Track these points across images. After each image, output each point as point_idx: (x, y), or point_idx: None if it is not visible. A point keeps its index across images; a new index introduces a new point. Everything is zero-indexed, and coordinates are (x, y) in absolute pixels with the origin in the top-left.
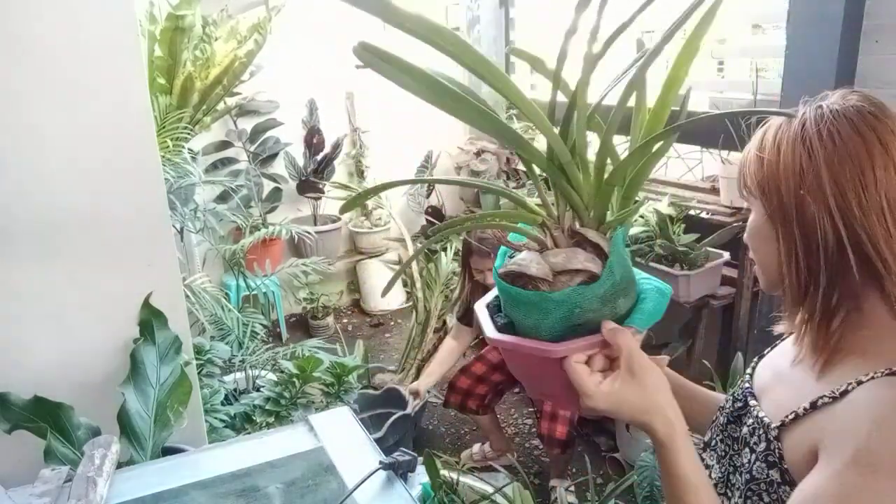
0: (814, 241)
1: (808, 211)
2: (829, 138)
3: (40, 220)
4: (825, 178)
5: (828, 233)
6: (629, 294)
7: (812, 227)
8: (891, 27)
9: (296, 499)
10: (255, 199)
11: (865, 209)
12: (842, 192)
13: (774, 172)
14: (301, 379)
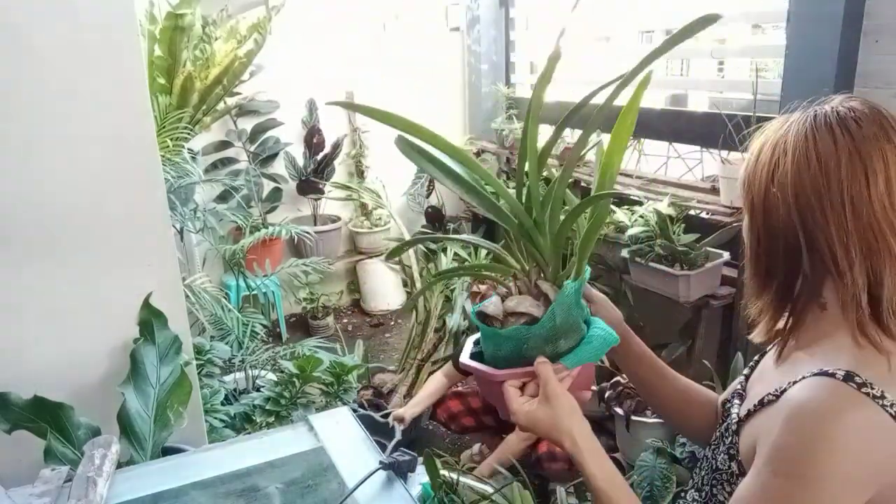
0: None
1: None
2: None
3: (40, 220)
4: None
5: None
6: (570, 337)
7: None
8: (891, 27)
9: (296, 499)
10: (255, 199)
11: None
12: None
13: (753, 168)
14: (301, 379)
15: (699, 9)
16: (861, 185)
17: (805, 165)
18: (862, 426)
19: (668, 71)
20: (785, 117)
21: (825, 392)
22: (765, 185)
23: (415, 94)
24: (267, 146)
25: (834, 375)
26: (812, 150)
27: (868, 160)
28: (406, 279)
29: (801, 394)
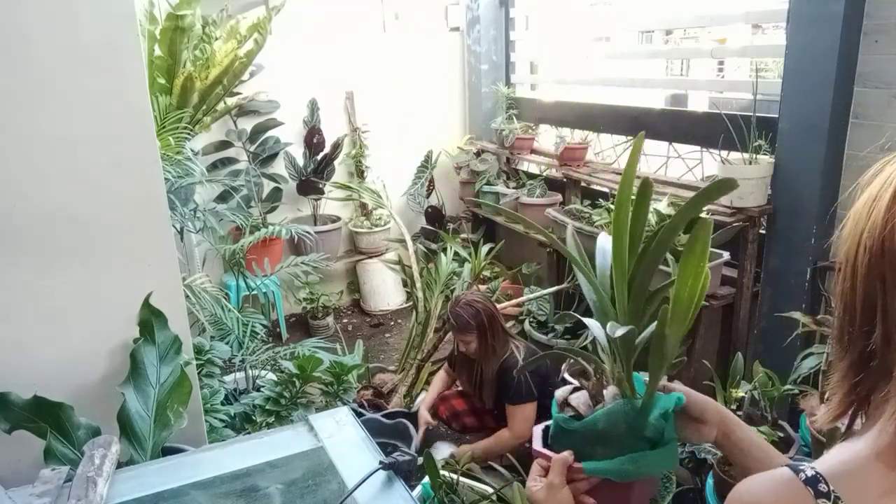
0: (856, 298)
1: (859, 256)
2: None
3: (40, 220)
4: (879, 228)
5: (870, 293)
6: (611, 446)
7: (857, 283)
8: (891, 27)
9: (296, 499)
10: (255, 199)
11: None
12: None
13: (853, 218)
14: (301, 378)
15: (699, 9)
16: None
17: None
18: None
19: (668, 71)
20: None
21: (767, 484)
22: (858, 238)
23: (415, 94)
24: (267, 146)
25: (798, 471)
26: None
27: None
28: (406, 279)
29: (748, 481)
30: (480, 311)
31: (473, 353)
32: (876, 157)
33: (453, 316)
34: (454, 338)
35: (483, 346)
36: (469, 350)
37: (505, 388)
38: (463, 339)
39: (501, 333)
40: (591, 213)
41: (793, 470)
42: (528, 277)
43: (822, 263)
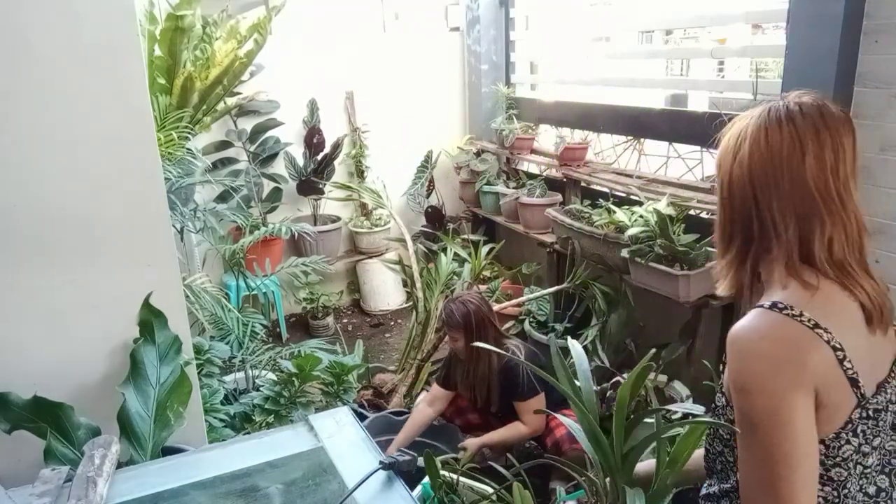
0: (736, 206)
1: (736, 183)
2: (758, 130)
3: (40, 220)
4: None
5: (744, 200)
6: None
7: (736, 196)
8: (891, 27)
9: (296, 499)
10: (255, 198)
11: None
12: (757, 171)
13: (723, 154)
14: (300, 378)
15: (699, 9)
16: (798, 162)
17: (757, 149)
18: (783, 336)
19: (668, 71)
20: (748, 112)
21: (752, 318)
22: (729, 167)
23: (415, 94)
24: (267, 146)
25: (762, 306)
26: (763, 138)
27: (805, 143)
28: (406, 279)
29: (736, 325)
30: (472, 312)
31: (461, 351)
32: (876, 157)
33: (446, 312)
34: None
35: (468, 347)
36: (457, 347)
37: (511, 387)
38: (452, 336)
39: (492, 337)
40: (591, 213)
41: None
42: (528, 277)
43: None
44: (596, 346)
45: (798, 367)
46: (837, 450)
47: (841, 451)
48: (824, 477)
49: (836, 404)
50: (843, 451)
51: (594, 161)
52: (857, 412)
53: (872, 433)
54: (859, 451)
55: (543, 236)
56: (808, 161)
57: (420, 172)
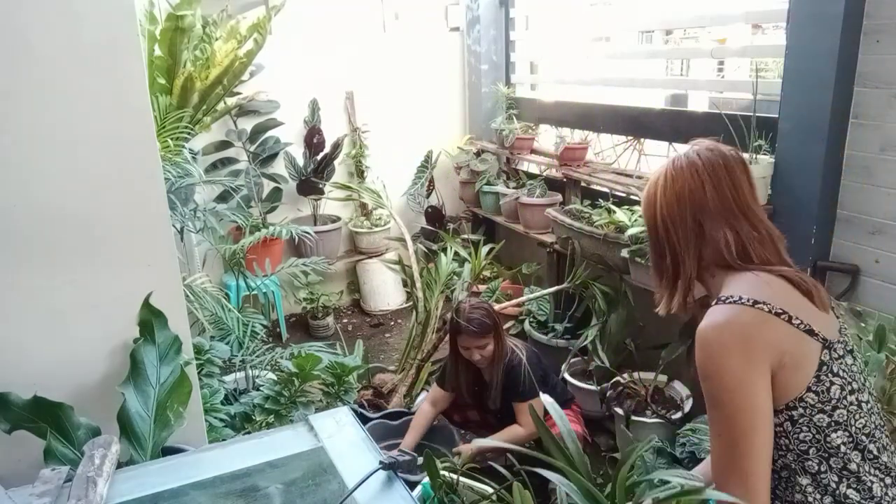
0: (657, 239)
1: (654, 221)
2: (664, 177)
3: (40, 220)
4: (659, 199)
5: (662, 234)
6: None
7: (657, 231)
8: (891, 27)
9: (296, 499)
10: (255, 199)
11: (676, 221)
12: (666, 210)
13: (644, 198)
14: (300, 377)
15: (699, 9)
16: (701, 195)
17: (670, 192)
18: (731, 322)
19: (668, 71)
20: (659, 167)
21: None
22: (651, 212)
23: (415, 94)
24: (267, 146)
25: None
26: (671, 183)
27: (705, 179)
28: (406, 279)
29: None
30: (490, 311)
31: (488, 356)
32: (876, 157)
33: (472, 323)
34: (466, 346)
35: (498, 347)
36: (485, 354)
37: (513, 386)
38: (479, 344)
39: (504, 333)
40: (591, 213)
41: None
42: (528, 277)
43: (822, 263)
44: (596, 346)
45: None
46: (827, 393)
47: (830, 392)
48: (832, 423)
49: (804, 354)
50: (832, 392)
51: (594, 161)
52: (826, 353)
53: (850, 373)
54: (847, 390)
55: (543, 236)
56: (708, 192)
57: (420, 172)
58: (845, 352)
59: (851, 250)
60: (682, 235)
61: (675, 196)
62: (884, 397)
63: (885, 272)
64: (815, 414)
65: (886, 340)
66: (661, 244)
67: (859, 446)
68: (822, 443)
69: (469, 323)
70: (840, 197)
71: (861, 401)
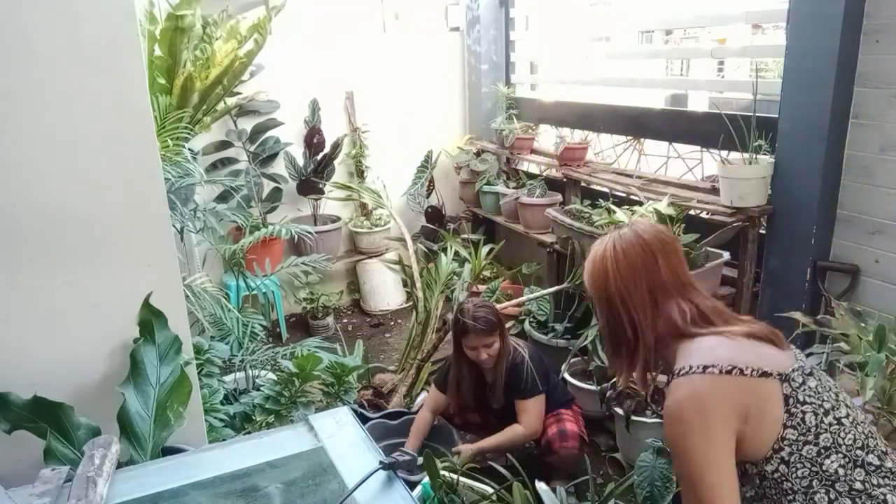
0: (609, 315)
1: (603, 297)
2: (615, 252)
3: (40, 220)
4: (612, 273)
5: (613, 309)
6: None
7: (608, 307)
8: (891, 27)
9: (296, 499)
10: (255, 198)
11: (630, 293)
12: (623, 280)
13: (588, 277)
14: (301, 377)
15: (699, 9)
16: (653, 266)
17: (621, 264)
18: (688, 397)
19: (668, 71)
20: (598, 242)
21: (669, 392)
22: (600, 285)
23: (415, 94)
24: (267, 146)
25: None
26: (622, 256)
27: (655, 252)
28: (406, 279)
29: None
30: (494, 309)
31: (494, 354)
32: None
33: (479, 321)
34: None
35: (503, 345)
36: (491, 353)
37: (516, 384)
38: (486, 343)
39: (507, 331)
40: (591, 213)
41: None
42: (528, 277)
43: (822, 263)
44: (596, 346)
45: (706, 422)
46: (803, 423)
47: (806, 421)
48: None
49: (766, 399)
50: (807, 420)
51: (594, 161)
52: (786, 386)
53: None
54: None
55: (543, 236)
56: (661, 265)
57: (420, 172)
58: (805, 376)
59: (851, 250)
60: (639, 307)
61: (629, 269)
62: (884, 397)
63: (885, 272)
64: (801, 448)
65: (886, 340)
66: (618, 317)
67: (857, 462)
68: (819, 473)
69: (476, 321)
70: (840, 197)
71: (839, 417)
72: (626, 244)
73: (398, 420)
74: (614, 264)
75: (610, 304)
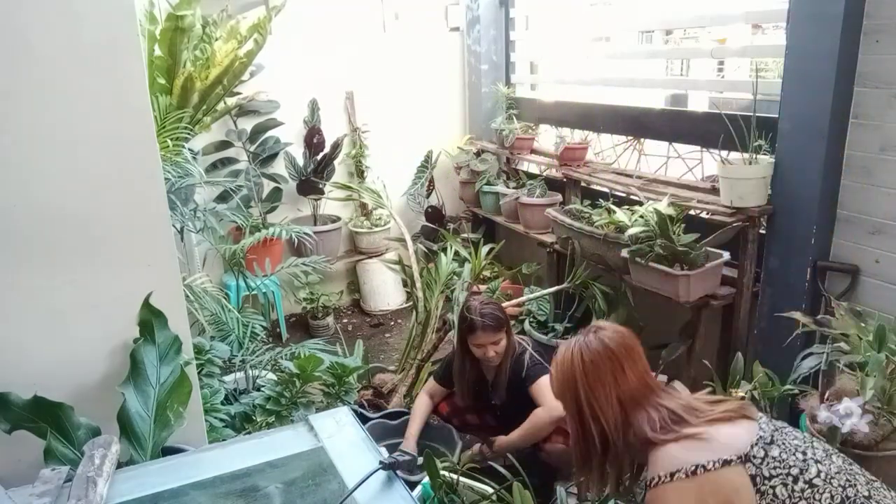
0: (579, 425)
1: (573, 407)
2: (584, 363)
3: (41, 220)
4: (581, 384)
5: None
6: None
7: (578, 416)
8: (891, 27)
9: (296, 499)
10: (255, 199)
11: (600, 399)
12: (592, 390)
13: (556, 387)
14: (301, 378)
15: (699, 9)
16: (620, 373)
17: (589, 373)
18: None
19: (668, 71)
20: (562, 352)
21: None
22: (570, 395)
23: (415, 94)
24: (267, 146)
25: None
26: (591, 366)
27: (623, 360)
28: (406, 279)
29: None
30: (500, 307)
31: (501, 352)
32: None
33: (486, 318)
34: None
35: (510, 342)
36: (498, 350)
37: (518, 372)
38: (494, 340)
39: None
40: (591, 213)
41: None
42: (528, 277)
43: (822, 263)
44: None
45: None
46: (776, 497)
47: (778, 495)
48: None
49: (735, 485)
50: (778, 493)
51: (594, 161)
52: (750, 467)
53: (782, 463)
54: (790, 481)
55: (543, 236)
56: (628, 374)
57: (420, 172)
58: (766, 447)
59: (851, 250)
60: (610, 421)
61: (598, 382)
62: (884, 397)
63: (885, 272)
64: None
65: (886, 340)
66: (588, 431)
67: None
68: None
69: (483, 318)
70: (840, 197)
71: (810, 479)
72: (593, 355)
73: (398, 420)
74: (583, 377)
75: (580, 416)
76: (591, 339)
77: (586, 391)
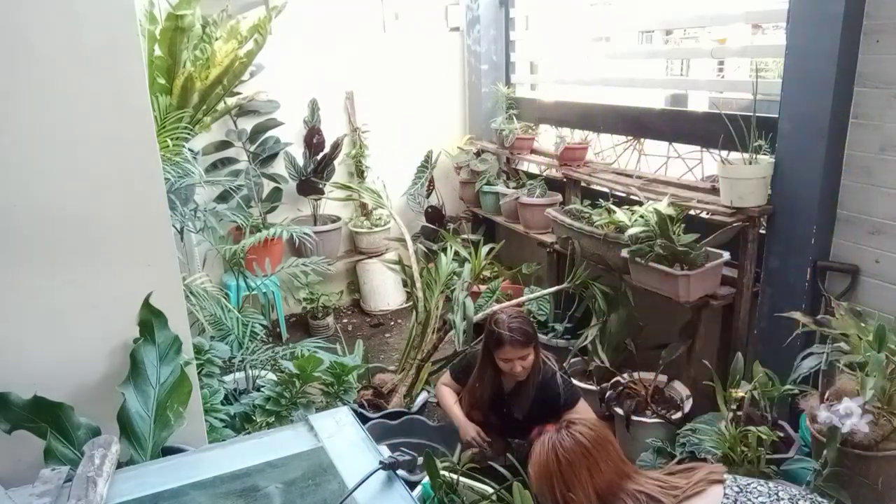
0: None
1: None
2: (559, 463)
3: (41, 220)
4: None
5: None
6: None
7: None
8: (891, 27)
9: (296, 499)
10: (255, 198)
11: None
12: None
13: (537, 485)
14: (301, 378)
15: (699, 9)
16: (595, 466)
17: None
18: None
19: (668, 71)
20: (538, 450)
21: None
22: (542, 496)
23: (415, 94)
24: (267, 146)
25: None
26: (566, 462)
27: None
28: (406, 279)
29: None
30: (529, 321)
31: (529, 367)
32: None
33: (516, 332)
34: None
35: (537, 357)
36: (525, 365)
37: (553, 398)
38: (522, 355)
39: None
40: (591, 213)
41: None
42: (528, 277)
43: (822, 263)
44: (596, 346)
45: None
46: None
47: None
48: None
49: None
50: None
51: (594, 161)
52: None
53: None
54: None
55: (543, 236)
56: (603, 469)
57: (420, 172)
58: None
59: (851, 250)
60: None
61: (574, 478)
62: (884, 397)
63: (885, 272)
64: None
65: (886, 340)
66: None
67: None
68: None
69: (512, 333)
70: (840, 197)
71: None
72: (568, 453)
73: (398, 420)
74: (559, 475)
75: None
76: (565, 437)
77: (562, 490)
